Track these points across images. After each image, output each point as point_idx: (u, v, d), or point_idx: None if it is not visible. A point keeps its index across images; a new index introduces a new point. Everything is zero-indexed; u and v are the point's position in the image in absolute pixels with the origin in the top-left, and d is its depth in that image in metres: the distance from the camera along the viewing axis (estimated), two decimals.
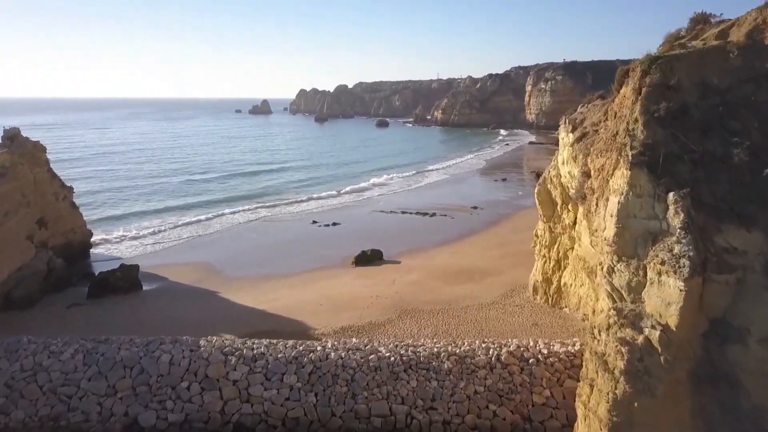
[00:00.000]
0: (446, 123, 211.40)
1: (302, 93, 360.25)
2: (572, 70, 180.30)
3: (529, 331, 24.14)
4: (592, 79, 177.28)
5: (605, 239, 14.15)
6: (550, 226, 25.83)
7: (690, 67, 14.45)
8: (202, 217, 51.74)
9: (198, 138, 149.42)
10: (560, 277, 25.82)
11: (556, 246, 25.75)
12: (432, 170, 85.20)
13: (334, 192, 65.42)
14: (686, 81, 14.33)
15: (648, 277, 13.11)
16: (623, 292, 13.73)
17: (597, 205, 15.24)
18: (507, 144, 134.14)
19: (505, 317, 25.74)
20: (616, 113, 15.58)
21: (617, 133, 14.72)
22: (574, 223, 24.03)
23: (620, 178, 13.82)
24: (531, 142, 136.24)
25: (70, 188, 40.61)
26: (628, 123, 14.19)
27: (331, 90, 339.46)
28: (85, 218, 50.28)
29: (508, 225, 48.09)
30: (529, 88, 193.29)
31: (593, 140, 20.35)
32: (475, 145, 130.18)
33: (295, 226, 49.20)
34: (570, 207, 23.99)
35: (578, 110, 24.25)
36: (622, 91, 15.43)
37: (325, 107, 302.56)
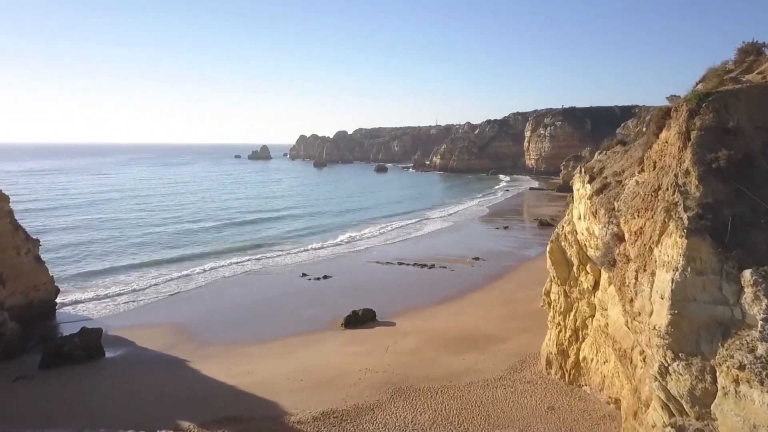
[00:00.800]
0: (445, 168, 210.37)
1: (302, 139, 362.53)
2: (571, 116, 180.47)
3: (545, 417, 20.30)
4: (591, 124, 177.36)
5: (655, 328, 10.80)
6: (565, 290, 22.37)
7: (750, 106, 11.49)
8: (187, 272, 48.00)
9: (195, 184, 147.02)
10: (578, 349, 22.19)
11: (572, 313, 22.22)
12: (432, 218, 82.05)
13: (328, 242, 62.05)
14: (747, 123, 11.33)
15: (719, 386, 9.67)
16: (684, 402, 10.26)
17: (637, 279, 11.95)
18: (507, 190, 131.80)
19: (516, 398, 21.92)
20: (655, 163, 12.52)
21: (660, 187, 11.60)
22: (594, 287, 20.63)
23: (672, 248, 10.60)
24: (532, 188, 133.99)
25: (36, 241, 37.33)
26: (676, 176, 11.10)
27: (331, 136, 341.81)
28: (63, 273, 46.87)
29: (512, 279, 44.51)
30: (528, 133, 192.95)
31: (616, 193, 17.25)
32: (475, 191, 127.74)
33: (284, 280, 45.61)
34: (589, 269, 20.64)
35: (595, 158, 21.26)
36: (662, 135, 12.39)
37: (325, 153, 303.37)
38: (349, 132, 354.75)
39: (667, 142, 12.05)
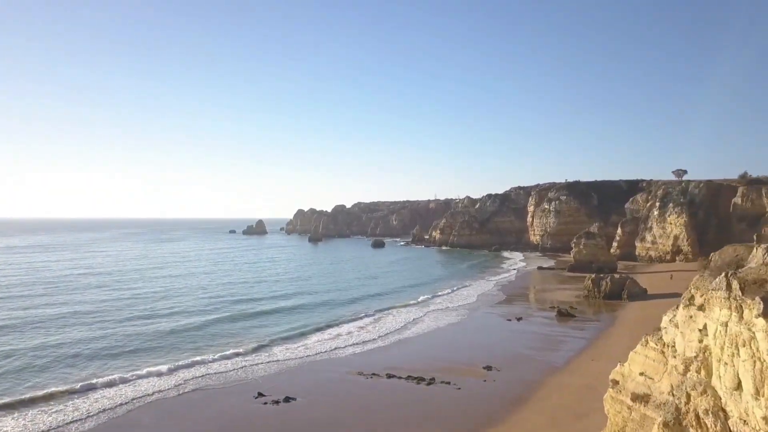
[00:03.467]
0: (445, 243, 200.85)
1: (300, 213, 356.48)
2: (576, 190, 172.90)
3: None
4: (598, 199, 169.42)
5: None
6: None
7: None
8: (109, 392, 35.75)
9: (180, 265, 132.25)
10: None
11: None
12: (433, 308, 69.73)
13: (304, 343, 50.02)
14: None
15: None
16: None
17: None
18: (513, 269, 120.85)
19: None
20: None
21: None
22: None
23: None
24: (540, 267, 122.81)
25: None
26: None
27: (329, 210, 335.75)
28: None
29: (540, 405, 32.68)
30: (531, 208, 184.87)
31: None
32: (479, 271, 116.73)
33: (229, 404, 33.68)
34: None
35: (760, 257, 10.84)
36: None
37: (321, 227, 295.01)
38: (348, 206, 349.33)
39: None
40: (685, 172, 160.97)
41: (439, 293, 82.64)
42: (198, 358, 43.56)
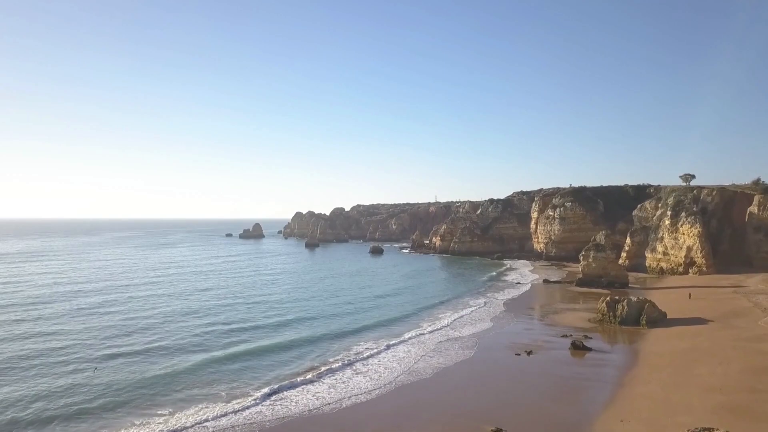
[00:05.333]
0: (446, 251, 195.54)
1: (298, 216, 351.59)
2: (582, 196, 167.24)
3: None
4: (604, 205, 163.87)
5: None
6: None
7: None
8: None
9: (170, 280, 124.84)
10: None
11: None
12: (436, 341, 62.45)
13: (285, 395, 43.97)
14: None
15: None
16: None
17: None
18: (518, 283, 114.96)
19: None
20: None
21: None
22: None
23: None
24: (546, 281, 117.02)
25: None
26: None
27: (328, 213, 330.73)
28: None
29: None
30: (535, 214, 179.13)
31: None
32: (482, 287, 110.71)
33: None
34: None
35: None
36: None
37: (319, 231, 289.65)
38: (347, 208, 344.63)
39: None
40: (693, 176, 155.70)
41: (442, 317, 76.67)
42: (159, 426, 37.32)
